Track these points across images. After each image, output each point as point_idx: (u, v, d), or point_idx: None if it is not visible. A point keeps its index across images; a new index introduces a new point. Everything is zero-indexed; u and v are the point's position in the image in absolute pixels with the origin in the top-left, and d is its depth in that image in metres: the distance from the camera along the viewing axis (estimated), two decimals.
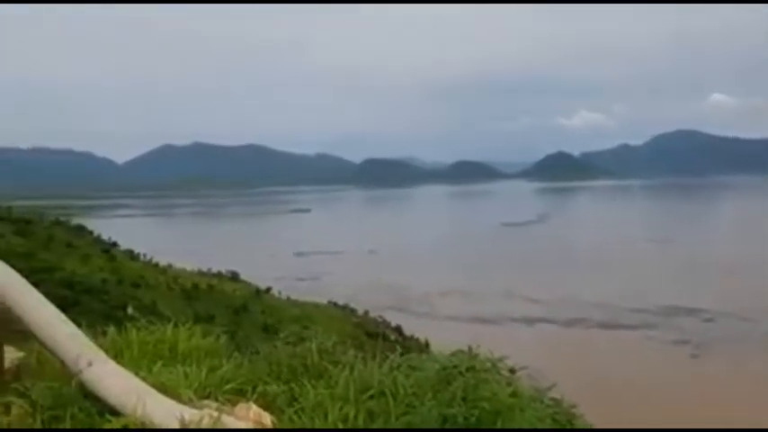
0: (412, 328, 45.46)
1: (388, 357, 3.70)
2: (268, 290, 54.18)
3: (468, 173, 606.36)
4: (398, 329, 46.62)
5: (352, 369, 3.68)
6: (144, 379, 3.53)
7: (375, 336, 43.16)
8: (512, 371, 3.69)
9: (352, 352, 4.07)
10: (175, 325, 4.77)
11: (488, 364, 3.58)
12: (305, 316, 43.48)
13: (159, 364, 4.02)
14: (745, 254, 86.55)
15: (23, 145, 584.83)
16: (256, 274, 60.25)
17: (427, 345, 42.14)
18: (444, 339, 37.92)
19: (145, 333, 4.60)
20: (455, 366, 3.44)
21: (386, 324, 48.00)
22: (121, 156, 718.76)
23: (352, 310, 52.18)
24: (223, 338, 4.74)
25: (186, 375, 3.89)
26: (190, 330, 4.70)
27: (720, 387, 34.06)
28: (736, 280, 65.74)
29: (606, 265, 79.96)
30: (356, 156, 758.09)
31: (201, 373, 3.93)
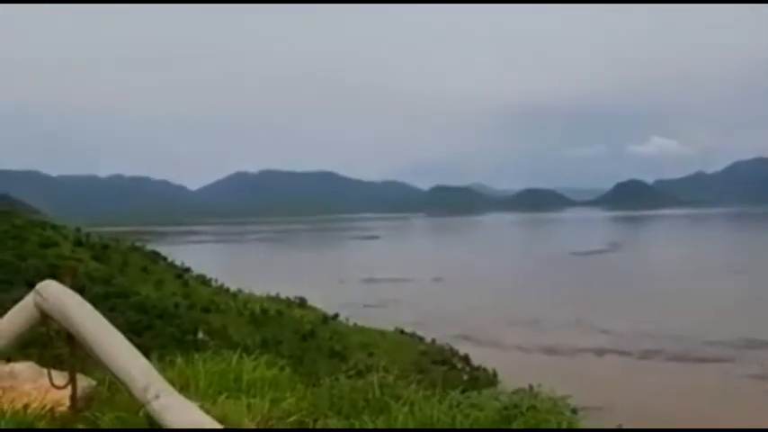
0: (479, 357, 45.05)
1: (449, 394, 3.68)
2: (335, 316, 54.50)
3: (537, 200, 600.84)
4: (466, 358, 46.28)
5: (412, 405, 3.67)
6: (208, 411, 3.58)
7: (442, 364, 42.96)
8: (573, 411, 3.61)
9: (413, 387, 4.05)
10: (241, 355, 4.84)
11: (550, 404, 3.51)
12: (371, 343, 43.57)
13: (224, 395, 4.08)
14: None
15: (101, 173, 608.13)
16: (324, 300, 60.74)
17: (495, 375, 41.73)
18: (512, 370, 37.71)
19: (211, 363, 4.68)
20: (516, 406, 3.39)
21: (453, 352, 47.70)
22: (195, 183, 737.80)
23: (420, 338, 52.02)
24: (287, 369, 4.79)
25: (249, 407, 3.94)
26: (255, 361, 4.75)
27: None
28: None
29: (680, 295, 77.79)
30: (424, 183, 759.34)
31: (264, 405, 3.97)
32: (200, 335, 41.27)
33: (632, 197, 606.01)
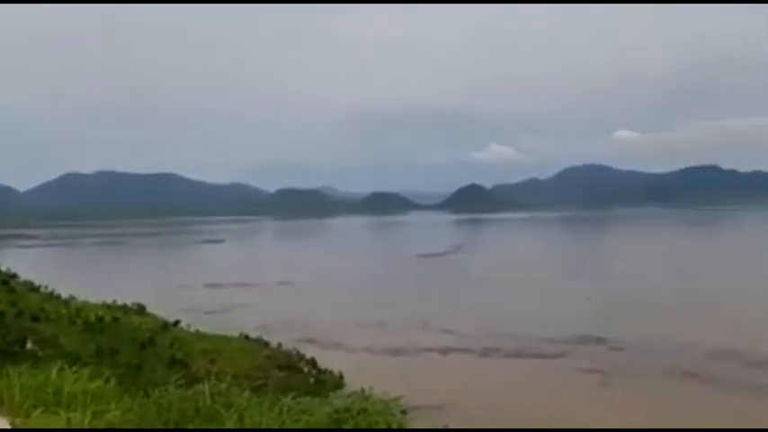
0: (326, 360, 45.01)
1: (279, 400, 3.61)
2: (176, 323, 52.67)
3: (384, 204, 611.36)
4: (312, 362, 46.03)
5: (243, 412, 3.57)
6: (19, 427, 3.31)
7: (288, 368, 42.59)
8: (404, 412, 3.66)
9: (247, 393, 3.95)
10: (65, 366, 4.53)
11: (382, 405, 3.53)
12: (214, 349, 42.46)
13: (40, 410, 3.80)
14: (649, 284, 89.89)
15: None
16: (165, 306, 58.61)
17: (341, 377, 41.83)
18: (359, 372, 37.89)
19: (27, 376, 4.34)
20: (347, 409, 3.38)
21: (300, 356, 47.30)
22: (23, 184, 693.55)
23: (265, 343, 51.22)
24: (113, 380, 4.54)
25: (68, 421, 3.69)
26: (77, 373, 4.46)
27: (624, 413, 34.99)
28: (642, 310, 68.18)
29: (520, 295, 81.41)
30: (271, 185, 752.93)
31: (85, 419, 3.73)
32: (29, 345, 38.64)
33: (473, 201, 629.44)
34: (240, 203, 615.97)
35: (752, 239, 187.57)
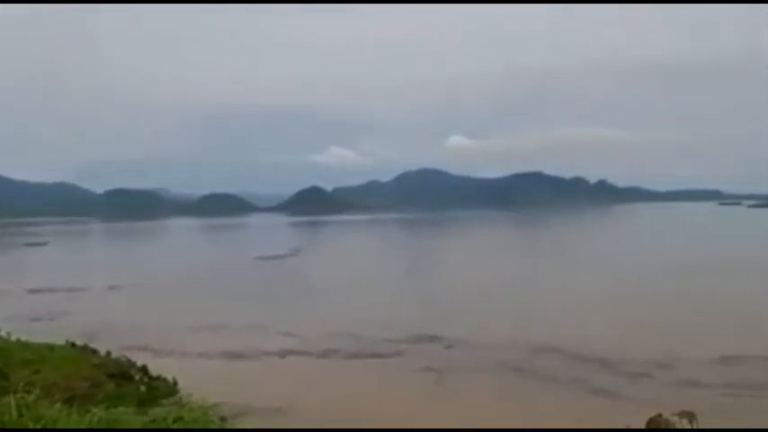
0: (159, 367, 43.36)
1: (90, 411, 3.39)
2: None
3: (220, 205, 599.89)
4: (144, 369, 44.21)
5: (55, 424, 3.33)
6: None
7: (118, 377, 40.70)
8: (223, 419, 3.55)
9: (58, 405, 3.69)
10: None
11: (199, 413, 3.41)
12: (38, 359, 39.75)
13: None
14: (481, 282, 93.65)
15: None
16: None
17: (175, 384, 40.50)
18: (193, 378, 36.83)
19: None
20: (164, 418, 3.24)
21: (130, 364, 45.29)
22: None
23: (93, 351, 48.70)
24: None
25: None
26: None
27: (457, 409, 36.18)
28: (475, 308, 71.09)
29: (359, 296, 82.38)
30: (99, 185, 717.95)
31: None
32: None
33: (313, 203, 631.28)
34: (66, 204, 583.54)
35: (573, 239, 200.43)
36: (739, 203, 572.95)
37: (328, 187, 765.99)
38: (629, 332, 55.50)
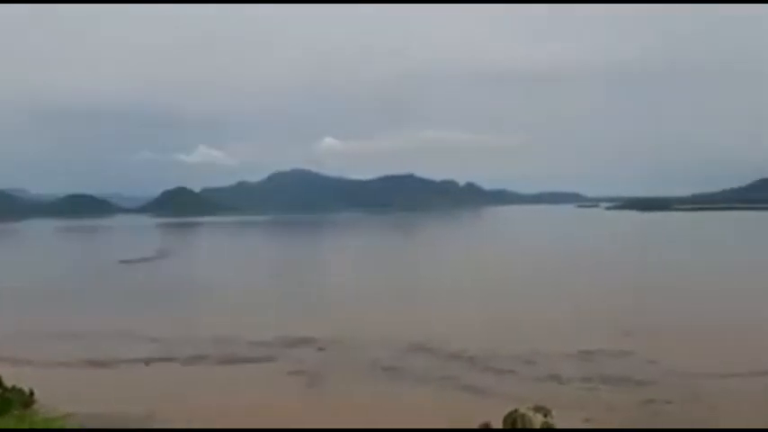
0: (15, 377, 41.04)
1: None
2: None
3: (80, 206, 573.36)
4: None
5: None
6: None
7: None
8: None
9: None
10: None
11: (45, 424, 3.39)
12: None
13: None
14: (351, 282, 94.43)
15: None
16: None
17: (32, 394, 38.48)
18: (52, 387, 35.13)
19: None
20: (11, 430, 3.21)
21: None
22: None
23: None
24: None
25: None
26: None
27: (329, 412, 36.29)
28: (347, 308, 71.49)
29: (229, 299, 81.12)
30: None
31: None
32: None
33: (180, 204, 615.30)
34: None
35: (442, 240, 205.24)
36: (597, 206, 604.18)
37: (196, 188, 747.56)
38: (495, 329, 57.50)
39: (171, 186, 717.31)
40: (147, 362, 49.51)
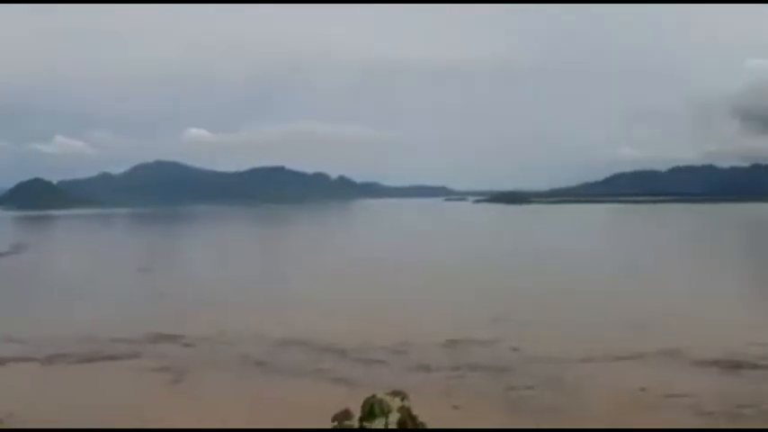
0: None
1: None
2: None
3: None
4: None
5: None
6: None
7: None
8: None
9: None
10: None
11: None
12: None
13: None
14: (221, 278, 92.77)
15: None
16: None
17: None
18: None
19: None
20: None
21: None
22: None
23: None
24: None
25: None
26: None
27: (195, 407, 35.63)
28: (217, 304, 70.11)
29: (91, 295, 77.87)
30: None
31: None
32: None
33: (37, 196, 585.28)
34: None
35: (312, 233, 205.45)
36: (465, 199, 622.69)
37: (54, 179, 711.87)
38: (365, 321, 58.05)
39: (26, 178, 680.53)
40: (2, 362, 46.74)
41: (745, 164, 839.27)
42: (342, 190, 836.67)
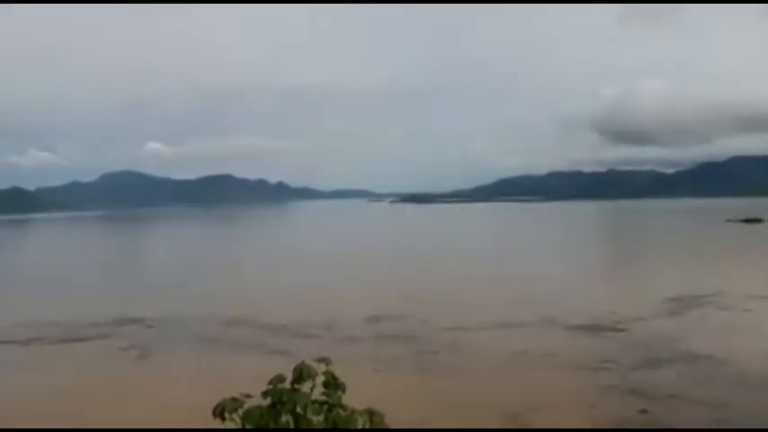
0: None
1: None
2: None
3: None
4: None
5: None
6: None
7: None
8: None
9: None
10: None
11: None
12: None
13: None
14: (178, 268, 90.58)
15: None
16: None
17: None
18: None
19: None
20: None
21: None
22: None
23: None
24: None
25: None
26: None
27: (159, 378, 34.78)
28: (174, 291, 68.37)
29: (63, 285, 74.87)
30: None
31: None
32: None
33: (16, 203, 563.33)
34: None
35: (255, 229, 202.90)
36: (382, 200, 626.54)
37: (31, 187, 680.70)
38: (301, 302, 57.73)
39: (6, 186, 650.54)
40: None
41: (603, 169, 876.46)
42: (280, 193, 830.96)
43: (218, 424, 6.39)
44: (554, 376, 33.22)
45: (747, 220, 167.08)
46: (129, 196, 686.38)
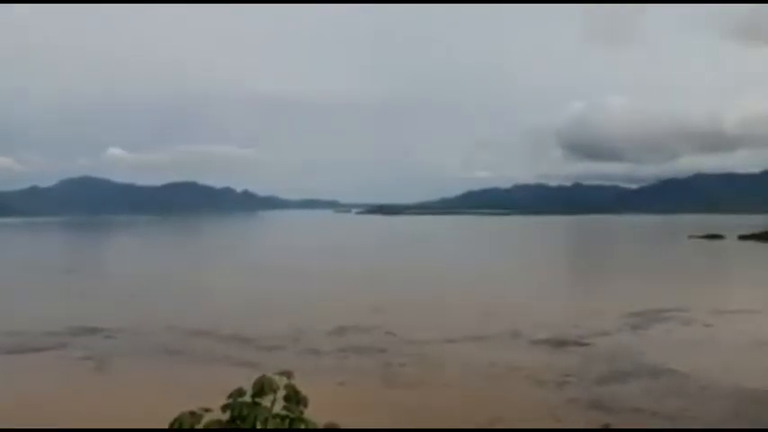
0: None
1: None
2: None
3: None
4: None
5: None
6: None
7: None
8: None
9: None
10: None
11: None
12: None
13: None
14: (140, 277, 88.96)
15: None
16: None
17: None
18: None
19: None
20: None
21: None
22: None
23: None
24: None
25: None
26: None
27: (117, 391, 33.99)
28: (135, 300, 66.99)
29: (18, 294, 72.84)
30: None
31: None
32: None
33: None
34: None
35: (218, 238, 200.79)
36: (349, 211, 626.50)
37: None
38: (265, 312, 57.16)
39: None
40: None
41: (568, 183, 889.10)
42: (246, 202, 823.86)
43: None
44: (519, 390, 33.42)
45: (709, 236, 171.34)
46: (90, 202, 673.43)
